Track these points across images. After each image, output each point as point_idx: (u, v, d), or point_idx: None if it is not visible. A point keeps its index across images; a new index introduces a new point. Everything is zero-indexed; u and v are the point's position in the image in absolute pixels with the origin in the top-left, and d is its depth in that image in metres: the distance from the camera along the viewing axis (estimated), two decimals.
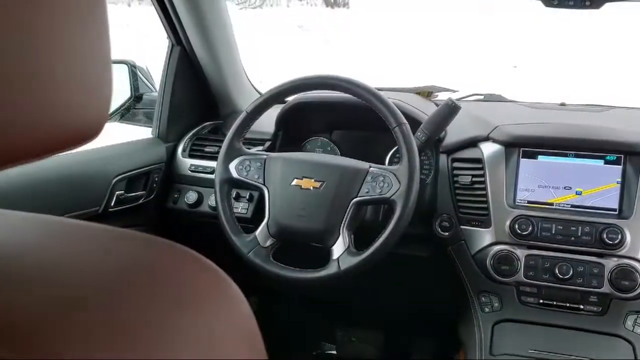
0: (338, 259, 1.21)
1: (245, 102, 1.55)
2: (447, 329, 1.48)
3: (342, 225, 1.23)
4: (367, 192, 1.23)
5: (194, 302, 0.41)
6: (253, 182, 1.30)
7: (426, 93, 1.73)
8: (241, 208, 1.52)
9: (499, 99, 1.71)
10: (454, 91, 1.77)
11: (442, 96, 1.76)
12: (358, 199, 1.23)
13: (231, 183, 1.32)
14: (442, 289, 1.44)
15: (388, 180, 1.22)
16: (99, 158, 1.38)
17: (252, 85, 1.77)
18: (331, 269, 1.21)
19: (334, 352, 1.93)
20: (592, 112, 1.49)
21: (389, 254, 1.51)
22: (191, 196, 1.55)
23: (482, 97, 1.74)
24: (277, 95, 1.33)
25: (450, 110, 1.29)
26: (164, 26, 1.48)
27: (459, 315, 1.36)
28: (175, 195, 1.58)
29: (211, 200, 1.53)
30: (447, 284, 1.40)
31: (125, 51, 1.77)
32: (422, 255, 1.47)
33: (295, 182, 1.27)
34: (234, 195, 1.53)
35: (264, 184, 1.30)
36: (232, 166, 1.32)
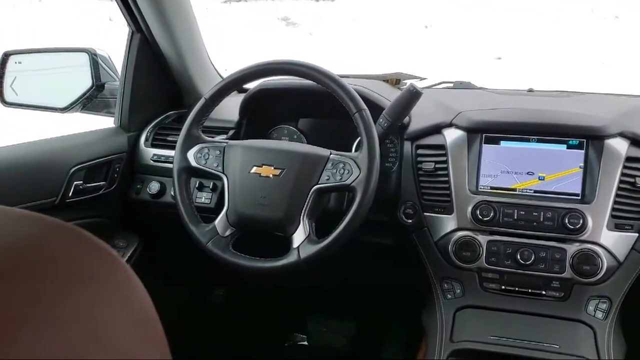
0: (298, 247, 1.19)
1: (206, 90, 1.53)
2: (411, 317, 1.47)
3: (302, 213, 1.21)
4: (328, 179, 1.21)
5: (80, 284, 0.39)
6: (212, 171, 1.28)
7: (394, 80, 1.71)
8: (204, 198, 1.49)
9: (468, 86, 1.70)
10: (422, 78, 1.75)
11: (409, 83, 1.75)
12: (318, 186, 1.21)
13: (189, 172, 1.30)
14: (407, 277, 1.43)
15: (348, 167, 1.20)
16: (55, 148, 1.35)
17: (218, 74, 1.74)
18: (291, 258, 1.19)
19: (306, 342, 1.91)
20: (559, 98, 1.48)
21: (354, 243, 1.49)
22: (154, 186, 1.52)
23: (451, 84, 1.72)
24: (236, 81, 1.31)
25: (412, 96, 1.27)
26: (122, 12, 1.45)
27: (423, 303, 1.34)
28: (138, 186, 1.56)
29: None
30: (412, 272, 1.39)
31: (110, 45, 1.73)
32: (387, 243, 1.45)
33: (254, 169, 1.25)
34: (196, 185, 1.50)
35: (223, 172, 1.27)
36: (191, 154, 1.30)
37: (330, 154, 1.23)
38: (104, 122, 1.61)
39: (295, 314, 1.97)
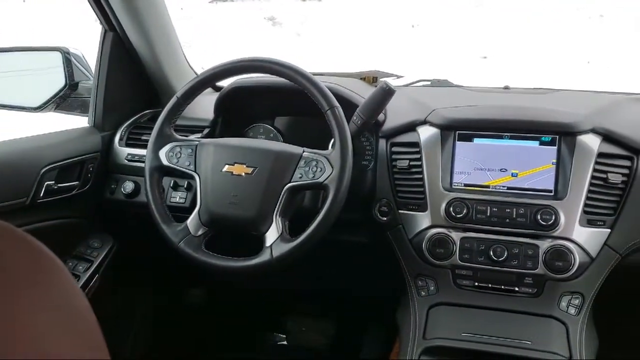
0: (271, 246, 1.18)
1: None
2: (390, 316, 1.47)
3: (275, 211, 1.20)
4: (300, 177, 1.20)
5: (19, 289, 0.38)
6: (184, 169, 1.27)
7: (371, 79, 1.71)
8: (179, 197, 1.48)
9: (445, 84, 1.70)
10: (399, 76, 1.75)
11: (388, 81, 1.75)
12: (291, 184, 1.20)
13: (161, 171, 1.29)
14: (384, 276, 1.42)
15: (321, 165, 1.20)
16: (26, 148, 1.33)
17: (194, 72, 1.73)
18: (264, 257, 1.18)
19: (285, 342, 1.91)
20: (534, 95, 1.48)
21: (331, 241, 1.48)
22: (128, 186, 1.51)
23: (429, 82, 1.73)
24: (208, 79, 1.30)
25: (385, 93, 1.27)
26: (94, 11, 1.43)
27: (398, 301, 1.34)
28: (113, 186, 1.54)
29: None
30: (389, 270, 1.38)
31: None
32: (364, 242, 1.45)
33: (226, 168, 1.24)
34: (171, 184, 1.49)
35: (195, 171, 1.26)
36: (162, 153, 1.28)
37: (304, 151, 1.22)
38: (80, 122, 1.60)
39: (274, 313, 1.96)
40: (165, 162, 1.28)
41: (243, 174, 1.22)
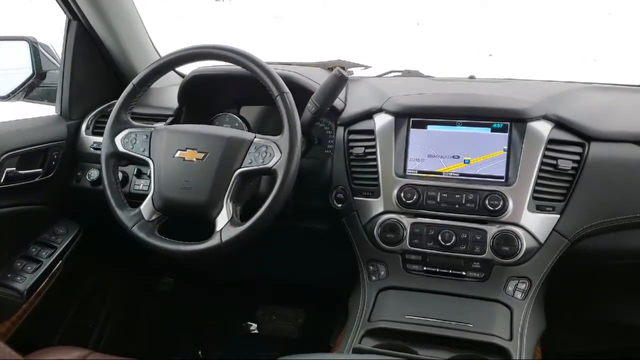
0: (221, 230, 1.20)
1: None
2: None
3: (225, 197, 1.21)
4: (250, 162, 1.22)
5: None
6: (138, 155, 1.28)
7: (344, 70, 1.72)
8: (142, 185, 1.50)
9: (416, 74, 1.70)
10: (366, 67, 1.76)
11: (356, 71, 1.76)
12: (241, 169, 1.22)
13: (117, 157, 1.30)
14: (343, 263, 1.43)
15: (270, 151, 1.21)
16: None
17: None
18: (213, 241, 1.19)
19: (256, 330, 1.92)
20: (494, 84, 1.49)
21: (293, 228, 1.50)
22: (93, 174, 1.53)
23: (399, 73, 1.73)
24: (162, 67, 1.31)
25: (338, 81, 1.28)
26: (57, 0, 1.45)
27: (352, 286, 1.35)
28: (79, 174, 1.56)
29: None
30: (347, 257, 1.40)
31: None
32: (323, 228, 1.46)
33: (179, 154, 1.25)
34: (135, 172, 1.51)
35: (149, 157, 1.28)
36: (118, 139, 1.30)
37: (255, 137, 1.24)
38: (49, 111, 1.62)
39: (245, 303, 1.98)
40: (120, 148, 1.29)
41: (194, 159, 1.24)
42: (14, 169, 1.38)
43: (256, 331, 1.93)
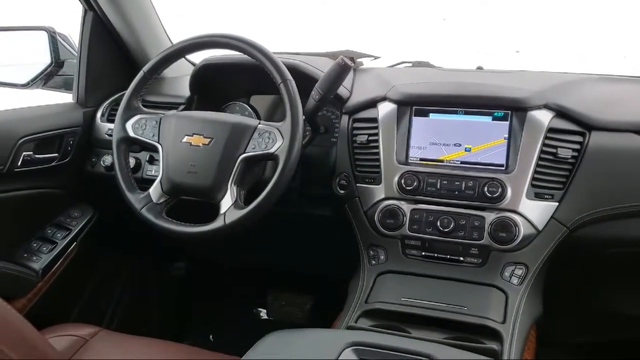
0: (225, 213, 1.24)
1: (169, 68, 1.57)
2: None
3: (230, 180, 1.25)
4: (254, 148, 1.26)
5: None
6: (148, 140, 1.33)
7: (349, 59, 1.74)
8: (154, 171, 1.55)
9: (426, 65, 1.72)
10: (375, 57, 1.78)
11: (365, 62, 1.78)
12: (245, 155, 1.26)
13: (127, 142, 1.35)
14: (348, 249, 1.46)
15: (273, 136, 1.25)
16: (5, 119, 1.41)
17: None
18: (217, 223, 1.23)
19: (266, 316, 1.97)
20: (499, 74, 1.50)
21: (300, 215, 1.54)
22: (107, 159, 1.58)
23: (410, 64, 1.75)
24: (172, 55, 1.35)
25: (341, 69, 1.30)
26: None
27: (353, 271, 1.38)
28: (94, 159, 1.62)
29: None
30: (351, 242, 1.43)
31: None
32: (328, 215, 1.49)
33: (185, 139, 1.30)
34: (147, 159, 1.56)
35: (158, 142, 1.33)
36: (129, 125, 1.35)
37: (259, 123, 1.27)
38: (66, 99, 1.68)
39: (255, 289, 2.02)
40: (131, 133, 1.34)
41: (201, 144, 1.28)
42: (31, 153, 1.44)
43: (266, 317, 1.97)
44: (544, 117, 1.27)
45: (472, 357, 0.88)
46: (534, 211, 1.24)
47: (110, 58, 1.65)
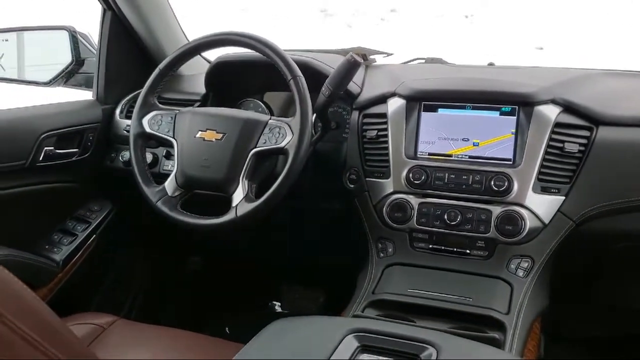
0: (236, 206, 1.27)
1: (185, 66, 1.61)
2: None
3: (241, 174, 1.29)
4: (265, 142, 1.29)
5: None
6: (163, 136, 1.37)
7: (361, 56, 1.77)
8: (170, 165, 1.59)
9: (439, 62, 1.74)
10: (388, 54, 1.80)
11: (378, 58, 1.80)
12: (256, 149, 1.29)
13: (144, 137, 1.40)
14: (358, 241, 1.49)
15: (283, 131, 1.28)
16: (28, 115, 1.47)
17: None
18: (229, 216, 1.27)
19: (280, 309, 2.01)
20: (509, 70, 1.51)
21: (312, 209, 1.57)
22: (126, 155, 1.63)
23: (423, 60, 1.77)
24: (186, 53, 1.40)
25: (350, 66, 1.33)
26: None
27: (362, 263, 1.41)
28: (112, 155, 1.67)
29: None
30: (360, 235, 1.45)
31: None
32: (339, 209, 1.52)
33: (199, 134, 1.34)
34: (164, 154, 1.61)
35: (173, 137, 1.37)
36: (145, 120, 1.39)
37: (270, 119, 1.31)
38: (87, 96, 1.73)
39: (269, 283, 2.06)
40: (147, 129, 1.39)
41: (214, 139, 1.32)
42: (52, 148, 1.49)
43: (280, 310, 2.01)
44: (551, 112, 1.28)
45: (473, 345, 0.90)
46: (541, 205, 1.26)
47: (129, 56, 1.70)
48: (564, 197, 1.26)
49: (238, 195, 1.28)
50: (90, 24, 1.75)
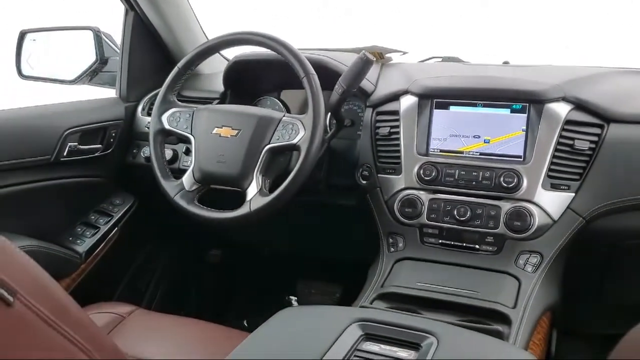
0: (250, 200, 1.31)
1: (204, 65, 1.66)
2: None
3: (255, 170, 1.33)
4: (278, 139, 1.33)
5: None
6: (181, 132, 1.42)
7: (378, 54, 1.79)
8: (189, 162, 1.63)
9: (455, 60, 1.76)
10: (404, 52, 1.82)
11: (394, 57, 1.82)
12: (270, 145, 1.33)
13: (163, 133, 1.44)
14: (373, 239, 1.52)
15: (296, 128, 1.32)
16: (52, 112, 1.53)
17: None
18: (243, 210, 1.31)
19: (296, 304, 2.04)
20: (522, 68, 1.52)
21: (327, 205, 1.60)
22: (147, 151, 1.68)
23: (440, 59, 1.79)
24: (204, 51, 1.44)
25: (363, 64, 1.35)
26: None
27: (373, 258, 1.43)
28: (134, 151, 1.72)
29: (167, 154, 1.65)
30: (371, 231, 1.48)
31: None
32: (352, 205, 1.55)
33: (215, 130, 1.38)
34: (184, 150, 1.65)
35: (191, 134, 1.41)
36: (165, 117, 1.44)
37: (284, 116, 1.35)
38: (110, 94, 1.79)
39: (286, 277, 2.09)
40: (166, 125, 1.43)
41: (229, 135, 1.36)
42: (76, 144, 1.54)
43: (296, 304, 2.04)
44: (562, 110, 1.29)
45: (474, 335, 0.92)
46: (550, 201, 1.27)
47: (150, 55, 1.75)
48: (573, 194, 1.27)
49: (252, 190, 1.32)
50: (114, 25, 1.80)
